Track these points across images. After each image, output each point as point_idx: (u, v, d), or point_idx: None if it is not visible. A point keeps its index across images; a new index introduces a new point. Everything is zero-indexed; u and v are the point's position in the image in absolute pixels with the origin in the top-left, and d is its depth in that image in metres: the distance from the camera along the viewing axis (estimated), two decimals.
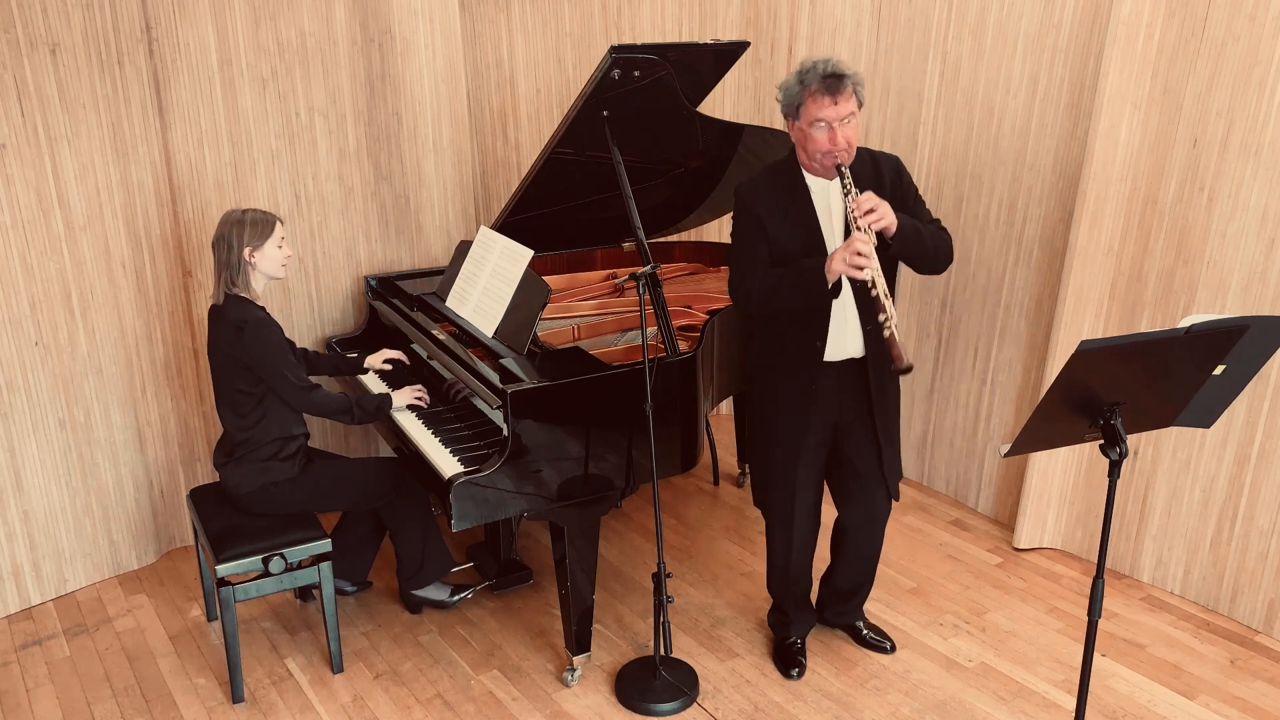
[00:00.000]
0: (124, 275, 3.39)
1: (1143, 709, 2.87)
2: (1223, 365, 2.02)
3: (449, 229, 4.06)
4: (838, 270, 2.42)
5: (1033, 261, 3.63)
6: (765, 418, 2.81)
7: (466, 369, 2.94)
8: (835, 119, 2.44)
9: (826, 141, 2.46)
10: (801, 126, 2.51)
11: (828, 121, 2.44)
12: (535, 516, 2.81)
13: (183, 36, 3.33)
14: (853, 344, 2.67)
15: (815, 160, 2.53)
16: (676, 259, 4.14)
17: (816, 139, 2.47)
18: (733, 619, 3.31)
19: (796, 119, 2.51)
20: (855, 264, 2.37)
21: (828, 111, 2.43)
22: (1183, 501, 3.33)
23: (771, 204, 2.60)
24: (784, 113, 2.55)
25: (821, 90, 2.42)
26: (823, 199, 2.61)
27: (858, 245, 2.36)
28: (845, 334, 2.66)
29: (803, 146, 2.55)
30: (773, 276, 2.56)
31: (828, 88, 2.41)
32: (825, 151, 2.48)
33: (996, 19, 3.56)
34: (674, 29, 4.46)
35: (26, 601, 3.40)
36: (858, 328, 2.65)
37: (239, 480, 2.92)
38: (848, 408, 2.74)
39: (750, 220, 2.62)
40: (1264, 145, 2.94)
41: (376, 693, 2.95)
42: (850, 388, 2.72)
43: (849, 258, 2.38)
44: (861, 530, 2.95)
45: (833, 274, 2.43)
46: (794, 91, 2.48)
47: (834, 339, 2.65)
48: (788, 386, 2.72)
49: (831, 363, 2.68)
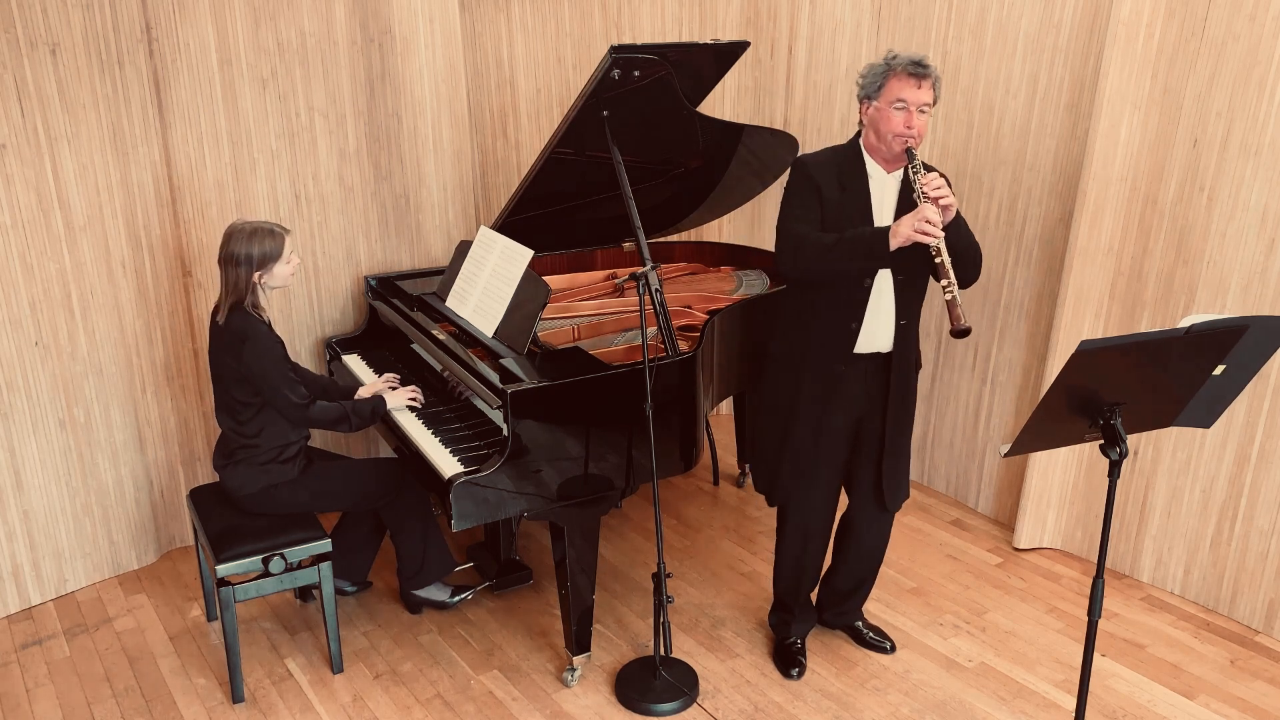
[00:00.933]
0: (124, 275, 3.39)
1: (1143, 709, 2.87)
2: (1223, 365, 2.02)
3: (449, 229, 4.06)
4: (905, 234, 2.44)
5: (1033, 261, 3.63)
6: (783, 406, 2.80)
7: (466, 369, 2.94)
8: (915, 103, 2.49)
9: (902, 123, 2.51)
10: (880, 105, 2.54)
11: (908, 104, 2.49)
12: (535, 516, 2.81)
13: (183, 36, 3.33)
14: (883, 338, 2.69)
15: (886, 142, 2.55)
16: (676, 259, 4.14)
17: (893, 119, 2.51)
18: (733, 619, 3.31)
19: (875, 99, 2.55)
20: (924, 229, 2.41)
21: (910, 93, 2.49)
22: (1183, 501, 3.33)
23: (831, 177, 2.63)
24: (862, 94, 2.58)
25: (908, 73, 2.49)
26: (879, 188, 2.64)
27: (928, 213, 2.41)
28: (878, 325, 2.67)
29: (875, 127, 2.58)
30: (829, 236, 2.57)
31: (914, 71, 2.49)
32: (898, 134, 2.51)
33: (996, 19, 3.56)
34: (674, 29, 4.45)
35: (26, 601, 3.40)
36: (891, 321, 2.67)
37: (239, 482, 2.92)
38: (868, 404, 2.76)
39: (808, 186, 2.64)
40: (1264, 145, 2.94)
41: (376, 693, 2.96)
42: (874, 383, 2.74)
43: (918, 224, 2.41)
44: (866, 526, 2.95)
45: (899, 237, 2.45)
46: (879, 71, 2.53)
47: (866, 330, 2.67)
48: (812, 373, 2.73)
49: (859, 355, 2.69)
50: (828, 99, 4.27)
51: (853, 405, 2.75)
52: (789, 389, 2.79)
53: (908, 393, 2.79)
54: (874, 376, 2.73)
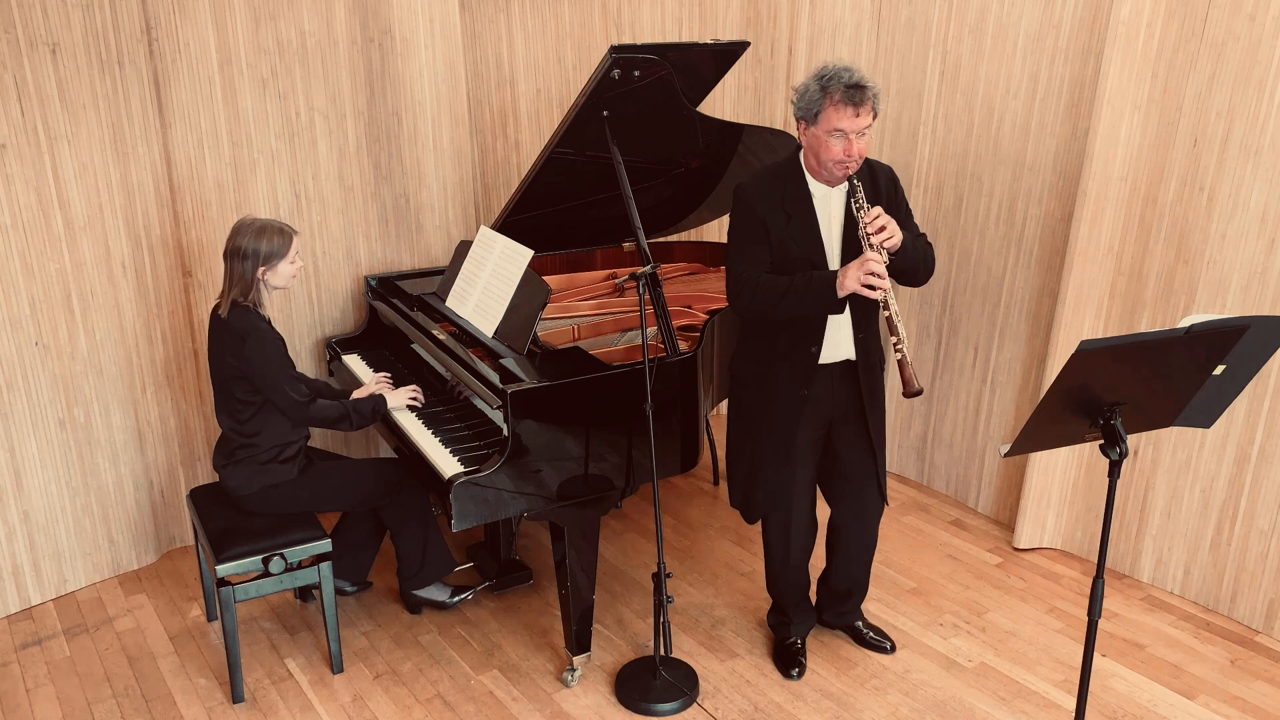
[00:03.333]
0: (124, 275, 3.39)
1: (1143, 709, 2.87)
2: (1223, 365, 2.02)
3: (449, 229, 4.06)
4: (850, 288, 2.41)
5: (1033, 261, 3.63)
6: (754, 421, 2.81)
7: (466, 369, 2.94)
8: (854, 130, 2.43)
9: (841, 152, 2.45)
10: (817, 133, 2.48)
11: (845, 132, 2.43)
12: (535, 516, 2.81)
13: (183, 36, 3.33)
14: (845, 347, 2.69)
15: (825, 168, 2.51)
16: (676, 259, 4.14)
17: (832, 148, 2.45)
18: (733, 619, 3.31)
19: (813, 124, 2.48)
20: (869, 284, 2.38)
21: (847, 122, 2.42)
22: (1183, 501, 3.33)
23: (775, 206, 2.59)
24: (799, 116, 2.51)
25: (845, 100, 2.40)
26: (824, 205, 2.61)
27: (871, 265, 2.37)
28: (839, 337, 2.67)
29: (814, 152, 2.53)
30: (779, 284, 2.54)
31: (850, 98, 2.40)
32: (838, 161, 2.47)
33: (996, 19, 3.56)
34: (674, 29, 4.45)
35: (26, 601, 3.40)
36: (850, 334, 2.67)
37: (239, 482, 2.92)
38: (840, 408, 2.75)
39: (753, 221, 2.61)
40: (1264, 145, 2.94)
41: (376, 693, 2.95)
42: (842, 388, 2.73)
43: (863, 277, 2.38)
44: (854, 529, 2.96)
45: (845, 290, 2.43)
46: (814, 97, 2.44)
47: (828, 342, 2.66)
48: (780, 390, 2.72)
49: (824, 365, 2.69)
50: None
51: (823, 413, 2.75)
52: (757, 409, 2.78)
53: (876, 390, 2.77)
54: (840, 381, 2.73)
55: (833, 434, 2.79)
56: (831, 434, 2.79)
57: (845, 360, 2.70)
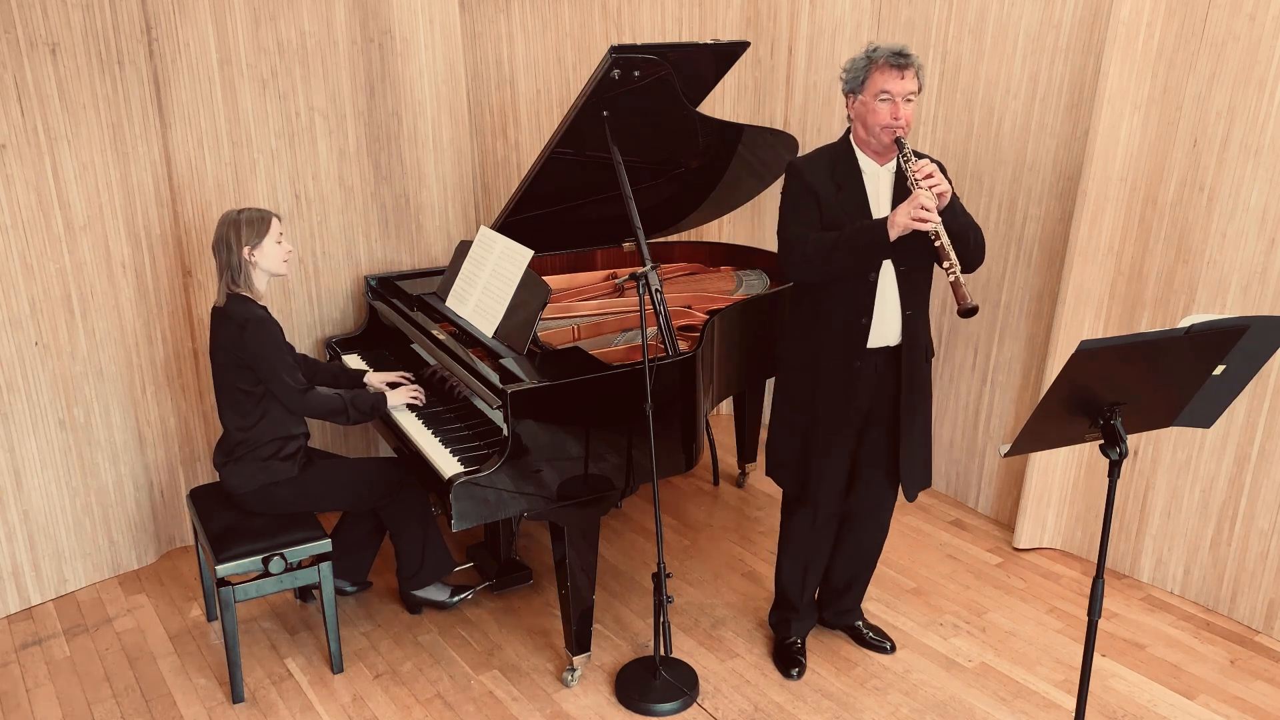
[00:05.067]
0: (124, 275, 3.39)
1: (1143, 709, 2.87)
2: (1223, 365, 2.02)
3: (449, 229, 4.06)
4: (902, 223, 2.45)
5: (1033, 261, 3.63)
6: (803, 407, 2.79)
7: (466, 369, 2.94)
8: (900, 93, 2.51)
9: (889, 114, 2.52)
10: (865, 99, 2.56)
11: (892, 95, 2.51)
12: (535, 516, 2.81)
13: (183, 36, 3.33)
14: (891, 331, 2.69)
15: (874, 135, 2.57)
16: (676, 259, 4.14)
17: (879, 111, 2.53)
18: (733, 619, 3.31)
19: (860, 93, 2.57)
20: (920, 216, 2.43)
21: (894, 85, 2.50)
22: (1183, 501, 3.33)
23: (825, 178, 2.64)
24: (847, 89, 2.60)
25: (890, 64, 2.50)
26: (873, 182, 2.65)
27: (922, 200, 2.43)
28: (886, 317, 2.68)
29: (863, 121, 2.59)
30: (830, 236, 2.58)
31: (895, 61, 2.50)
32: (885, 125, 2.53)
33: (996, 19, 3.56)
34: (674, 29, 4.46)
35: (26, 601, 3.40)
36: (897, 313, 2.67)
37: (239, 480, 2.92)
38: (879, 396, 2.76)
39: (804, 190, 2.65)
40: (1264, 145, 2.94)
41: (376, 693, 2.95)
42: (885, 375, 2.74)
43: (914, 211, 2.43)
44: (863, 521, 2.96)
45: (896, 227, 2.46)
46: (861, 65, 2.55)
47: (875, 323, 2.67)
48: (829, 372, 2.72)
49: (871, 349, 2.70)
50: (828, 99, 4.27)
51: (865, 399, 2.76)
52: (806, 390, 2.78)
53: (918, 379, 2.77)
54: (885, 369, 2.74)
55: (867, 422, 2.80)
56: (868, 421, 2.80)
57: (890, 348, 2.71)
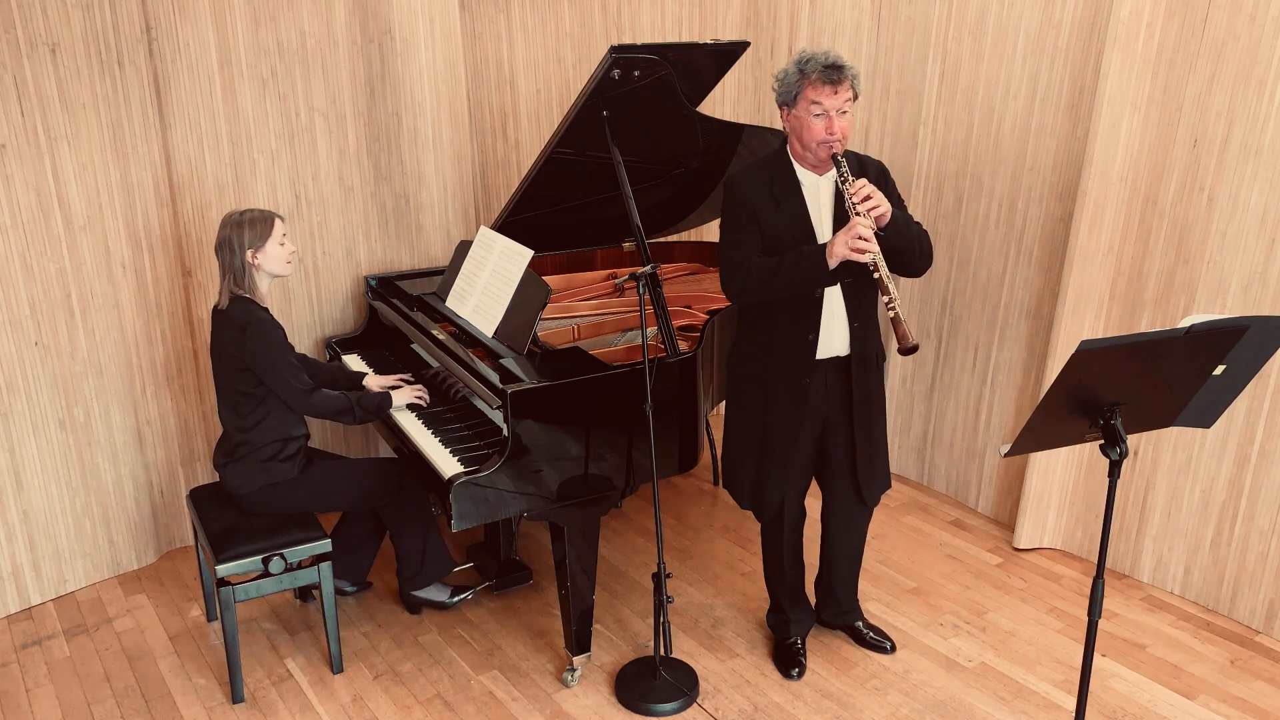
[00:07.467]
0: (124, 275, 3.39)
1: (1143, 709, 2.87)
2: (1223, 365, 2.02)
3: (449, 229, 4.06)
4: (840, 254, 2.43)
5: (1033, 261, 3.63)
6: (755, 422, 2.80)
7: (466, 369, 2.94)
8: (833, 107, 2.47)
9: (823, 129, 2.48)
10: (798, 114, 2.52)
11: (826, 109, 2.47)
12: (535, 516, 2.81)
13: (183, 37, 3.33)
14: (839, 342, 2.69)
15: (810, 149, 2.54)
16: (676, 259, 4.14)
17: (813, 126, 2.49)
18: (733, 619, 3.31)
19: (793, 107, 2.53)
20: (857, 247, 2.40)
21: (827, 99, 2.46)
22: (1183, 501, 3.33)
23: (764, 195, 2.62)
24: (780, 101, 2.56)
25: (822, 79, 2.45)
26: (813, 194, 2.63)
27: (859, 229, 2.40)
28: (833, 331, 2.68)
29: (798, 135, 2.56)
30: (771, 262, 2.56)
31: (827, 77, 2.45)
32: (821, 140, 2.50)
33: (996, 19, 3.56)
34: (674, 29, 4.46)
35: (26, 601, 3.40)
36: (845, 325, 2.67)
37: (239, 481, 2.92)
38: (833, 405, 2.76)
39: (742, 210, 2.63)
40: (1264, 146, 2.94)
41: (376, 693, 2.95)
42: (836, 385, 2.74)
43: (851, 241, 2.40)
44: (838, 525, 2.98)
45: (835, 257, 2.44)
46: (793, 79, 2.50)
47: (823, 336, 2.67)
48: (782, 382, 2.73)
49: (820, 360, 2.70)
50: None
51: (819, 409, 2.76)
52: (758, 405, 2.79)
53: (870, 390, 2.78)
54: (834, 379, 2.74)
55: (825, 431, 2.81)
56: (825, 431, 2.81)
57: (840, 357, 2.71)
